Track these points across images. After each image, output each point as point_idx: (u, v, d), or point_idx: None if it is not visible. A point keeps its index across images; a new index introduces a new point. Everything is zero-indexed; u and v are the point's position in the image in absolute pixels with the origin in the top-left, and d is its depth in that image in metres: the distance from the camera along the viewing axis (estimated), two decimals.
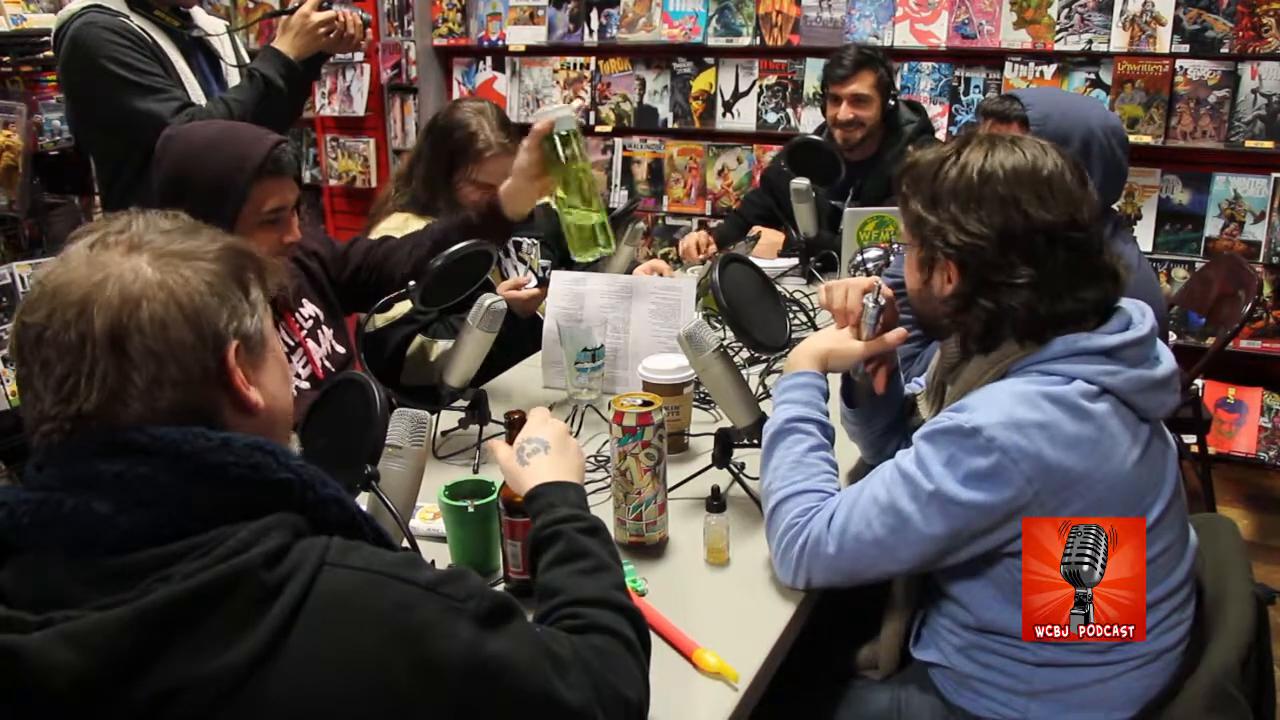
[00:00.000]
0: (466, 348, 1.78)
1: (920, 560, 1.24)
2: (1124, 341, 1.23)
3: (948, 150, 1.29)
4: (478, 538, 1.34)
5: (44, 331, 0.80)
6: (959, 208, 1.24)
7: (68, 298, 0.80)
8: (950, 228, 1.25)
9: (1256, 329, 3.35)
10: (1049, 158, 1.25)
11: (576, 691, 0.87)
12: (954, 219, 1.25)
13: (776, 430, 1.40)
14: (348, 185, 4.68)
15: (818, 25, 3.78)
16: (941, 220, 1.26)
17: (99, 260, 0.82)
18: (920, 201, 1.29)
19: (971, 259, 1.24)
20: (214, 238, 0.89)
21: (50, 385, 0.80)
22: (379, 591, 0.80)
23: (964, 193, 1.24)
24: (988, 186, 1.23)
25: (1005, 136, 1.29)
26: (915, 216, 1.30)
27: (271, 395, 0.90)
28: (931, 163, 1.29)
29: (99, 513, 0.77)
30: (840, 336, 1.46)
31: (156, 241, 0.84)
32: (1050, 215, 1.22)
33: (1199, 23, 3.26)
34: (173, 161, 1.64)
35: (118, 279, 0.80)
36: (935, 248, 1.27)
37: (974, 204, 1.23)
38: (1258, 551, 2.92)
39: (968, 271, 1.25)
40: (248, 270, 0.89)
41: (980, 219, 1.23)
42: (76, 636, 0.71)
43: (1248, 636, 1.28)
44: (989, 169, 1.24)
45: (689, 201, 4.13)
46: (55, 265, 0.83)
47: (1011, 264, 1.22)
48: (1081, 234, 1.23)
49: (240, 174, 1.60)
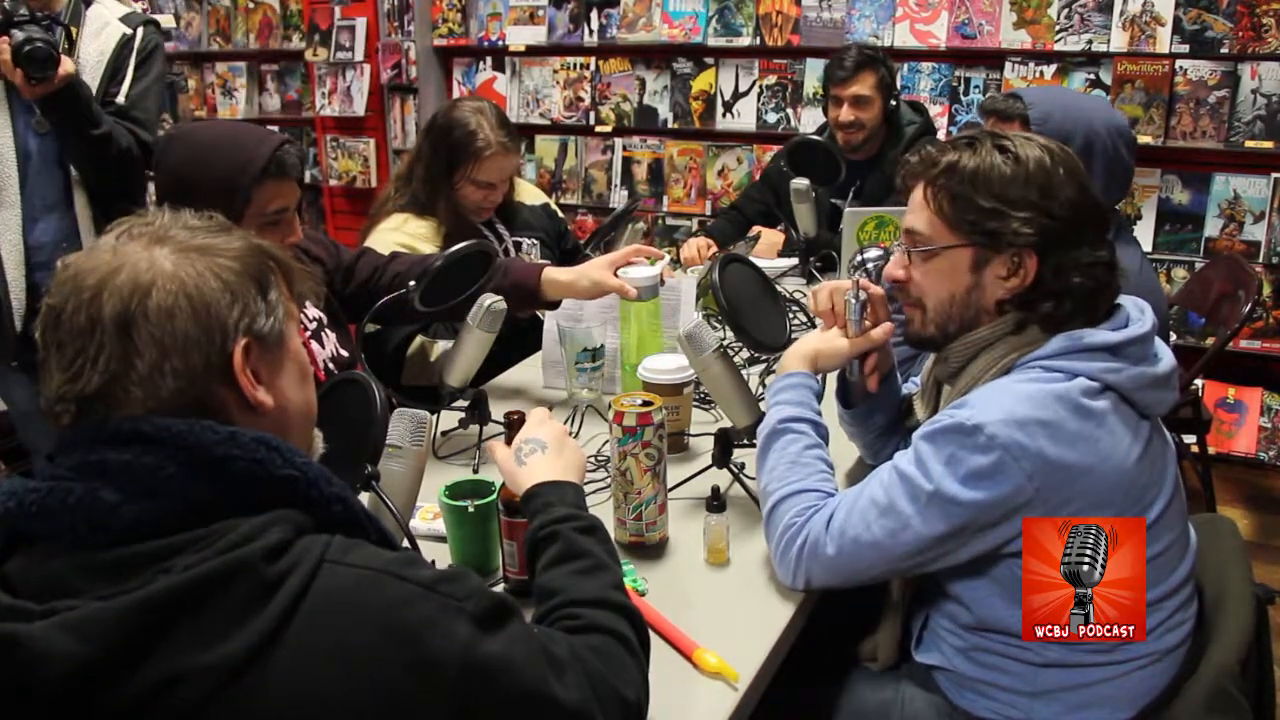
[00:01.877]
0: (466, 348, 1.78)
1: (920, 561, 1.24)
2: (1126, 338, 1.23)
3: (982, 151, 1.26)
4: (477, 538, 1.34)
5: (61, 314, 0.82)
6: (1038, 194, 1.23)
7: (85, 283, 0.82)
8: (1031, 215, 1.23)
9: (1256, 329, 3.35)
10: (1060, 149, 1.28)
11: (574, 691, 0.87)
12: (1034, 206, 1.23)
13: (771, 431, 1.40)
14: (348, 185, 4.68)
15: (818, 25, 3.78)
16: (1018, 210, 1.24)
17: (122, 250, 0.84)
18: (985, 198, 1.25)
19: (1052, 242, 1.24)
20: (239, 237, 0.90)
21: (61, 365, 0.82)
22: (378, 589, 0.81)
23: (1039, 179, 1.24)
24: (1056, 170, 1.24)
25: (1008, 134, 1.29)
26: (984, 213, 1.25)
27: (286, 397, 0.91)
28: (981, 164, 1.26)
29: (106, 502, 0.78)
30: (828, 336, 1.46)
31: (180, 236, 0.86)
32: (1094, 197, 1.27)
33: (1199, 23, 3.26)
34: (175, 163, 1.64)
35: (132, 267, 0.83)
36: (1014, 239, 1.24)
37: (1050, 188, 1.24)
38: (1258, 551, 2.92)
39: (1050, 256, 1.24)
40: (269, 272, 0.91)
41: (1058, 201, 1.24)
42: (76, 625, 0.72)
43: (1248, 636, 1.28)
44: (1039, 156, 1.25)
45: (689, 201, 4.13)
46: (84, 253, 0.86)
47: (1088, 239, 1.25)
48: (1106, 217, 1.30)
49: (244, 175, 1.59)
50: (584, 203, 4.32)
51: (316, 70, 4.58)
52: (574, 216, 4.29)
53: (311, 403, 0.97)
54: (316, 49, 4.57)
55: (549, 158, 4.35)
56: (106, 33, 2.25)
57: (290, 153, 1.65)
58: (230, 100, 4.94)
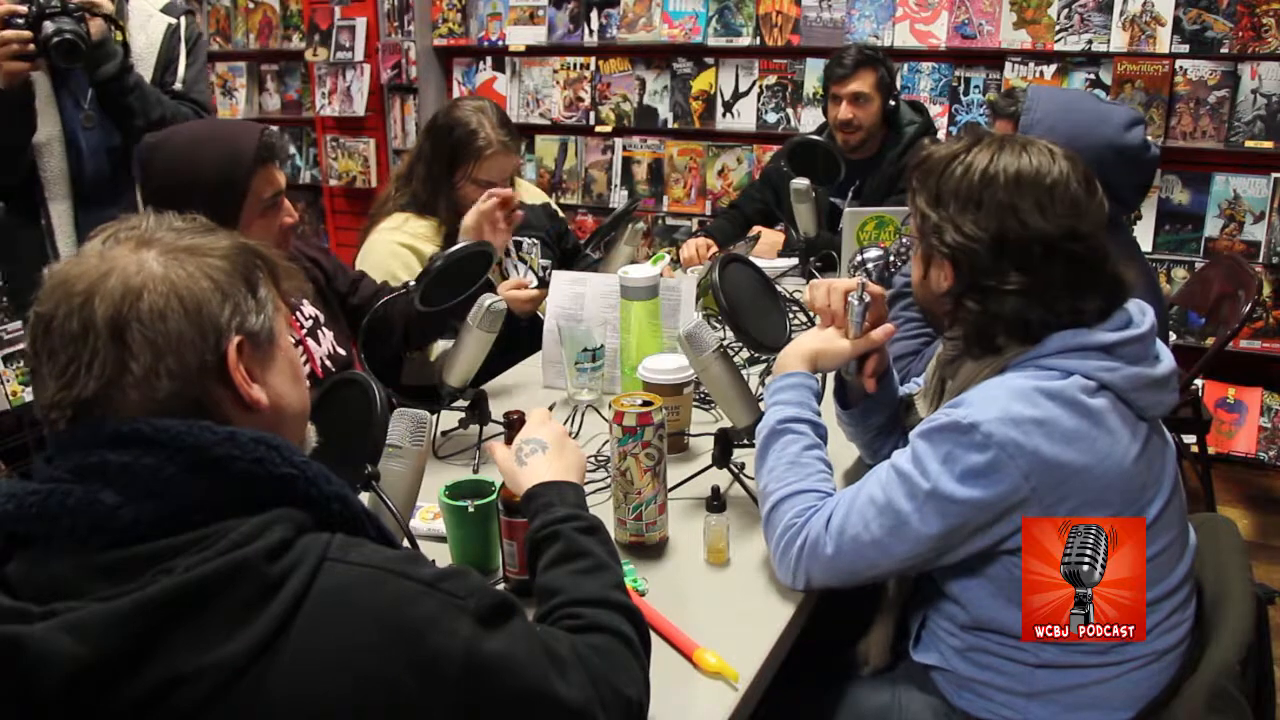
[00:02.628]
0: (466, 348, 1.78)
1: (919, 559, 1.24)
2: (1123, 338, 1.23)
3: (958, 148, 1.29)
4: (478, 538, 1.34)
5: (51, 321, 0.82)
6: (958, 208, 1.24)
7: (74, 289, 0.82)
8: (948, 226, 1.25)
9: (1256, 329, 3.35)
10: (1056, 165, 1.24)
11: (576, 690, 0.87)
12: (952, 219, 1.25)
13: (770, 431, 1.40)
14: (348, 185, 4.68)
15: (818, 25, 3.78)
16: (940, 218, 1.26)
17: (109, 255, 0.84)
18: (925, 197, 1.29)
19: (964, 260, 1.24)
20: (225, 237, 0.91)
21: (54, 372, 0.82)
22: (380, 587, 0.81)
23: (964, 193, 1.24)
24: (988, 190, 1.23)
25: (1016, 138, 1.29)
26: (919, 211, 1.30)
27: (279, 394, 0.91)
28: (941, 159, 1.28)
29: (106, 503, 0.78)
30: (828, 336, 1.46)
31: (167, 238, 0.87)
32: (1049, 225, 1.21)
33: (1199, 23, 3.26)
34: (164, 168, 1.65)
35: (121, 271, 0.83)
36: (933, 245, 1.28)
37: (972, 206, 1.23)
38: (1258, 551, 2.92)
39: (960, 272, 1.26)
40: (257, 269, 0.91)
41: (976, 222, 1.23)
42: (78, 626, 0.72)
43: (1248, 636, 1.28)
44: (992, 172, 1.23)
45: (689, 201, 4.13)
46: (69, 260, 0.85)
47: (1003, 270, 1.22)
48: (1081, 245, 1.22)
49: (239, 167, 1.63)
50: (584, 203, 4.32)
51: (316, 70, 4.58)
52: (574, 216, 4.29)
53: (305, 399, 0.97)
54: (316, 49, 4.57)
55: (549, 158, 4.35)
56: (152, 24, 2.33)
57: (272, 135, 1.70)
58: (230, 100, 4.94)
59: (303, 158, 4.88)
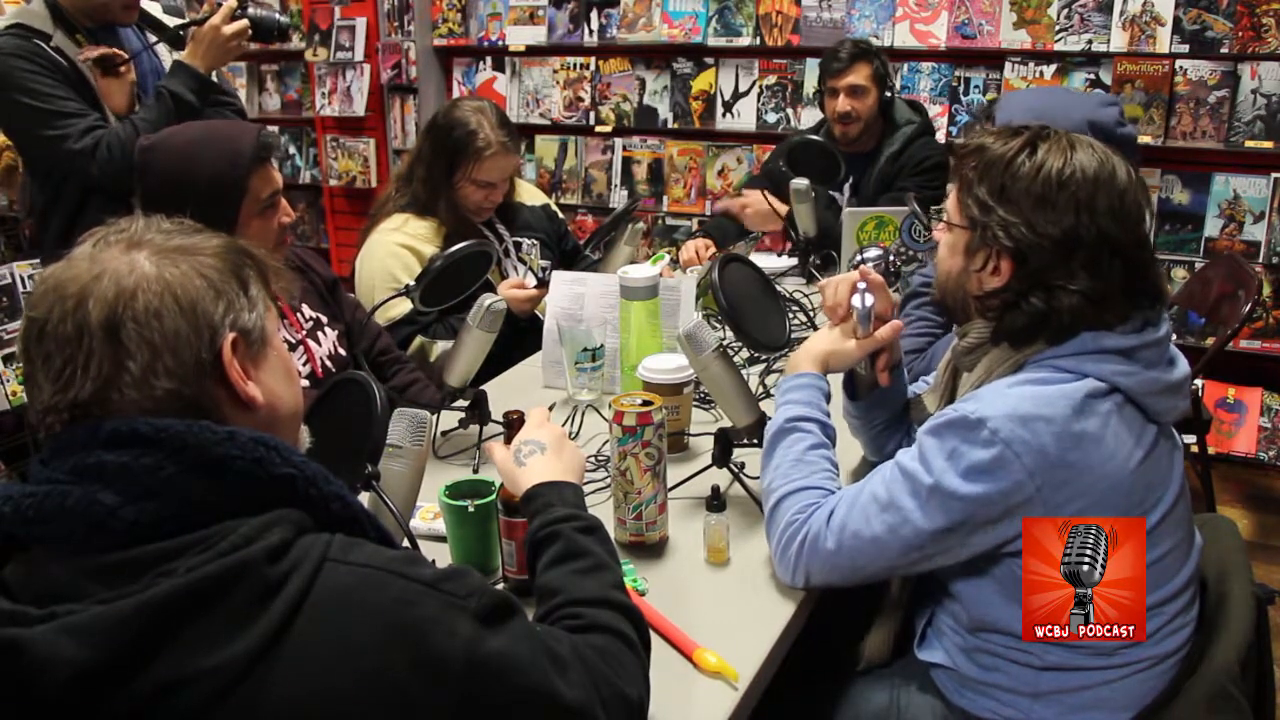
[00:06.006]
0: (466, 348, 1.78)
1: (919, 557, 1.24)
2: (1142, 342, 1.23)
3: (1018, 143, 1.26)
4: (478, 538, 1.34)
5: (45, 325, 0.82)
6: (1031, 205, 1.22)
7: (67, 292, 0.82)
8: (1017, 222, 1.22)
9: (1256, 329, 3.34)
10: (1122, 168, 1.23)
11: (577, 689, 0.87)
12: (1023, 214, 1.22)
13: (778, 429, 1.41)
14: (348, 185, 4.68)
15: (818, 25, 3.78)
16: (1008, 213, 1.23)
17: (100, 257, 0.84)
18: (987, 189, 1.25)
19: (1033, 257, 1.22)
20: (215, 237, 0.91)
21: (50, 376, 0.82)
22: (380, 588, 0.81)
23: (1039, 190, 1.22)
24: (1065, 190, 1.21)
25: (1082, 137, 1.27)
26: (979, 203, 1.26)
27: (273, 392, 0.91)
28: (1004, 153, 1.25)
29: (104, 504, 0.78)
30: (837, 337, 1.47)
31: (156, 239, 0.87)
32: (1119, 230, 1.21)
33: (1199, 23, 3.26)
34: (162, 171, 1.65)
35: (114, 273, 0.83)
36: (994, 238, 1.24)
37: (1048, 204, 1.21)
38: (1258, 551, 2.92)
39: (1024, 268, 1.23)
40: (247, 268, 0.91)
41: (1051, 220, 1.21)
42: (79, 629, 0.72)
43: (1248, 636, 1.28)
44: (1069, 171, 1.21)
45: (689, 201, 4.13)
46: (60, 264, 0.85)
47: (1071, 271, 1.21)
48: (1145, 252, 1.23)
49: (237, 168, 1.63)
50: (584, 203, 4.32)
51: (316, 70, 4.58)
52: (574, 216, 4.29)
53: (298, 399, 0.97)
54: (316, 49, 4.57)
55: (549, 158, 4.34)
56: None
57: (267, 135, 1.71)
58: None
59: (303, 158, 4.88)
